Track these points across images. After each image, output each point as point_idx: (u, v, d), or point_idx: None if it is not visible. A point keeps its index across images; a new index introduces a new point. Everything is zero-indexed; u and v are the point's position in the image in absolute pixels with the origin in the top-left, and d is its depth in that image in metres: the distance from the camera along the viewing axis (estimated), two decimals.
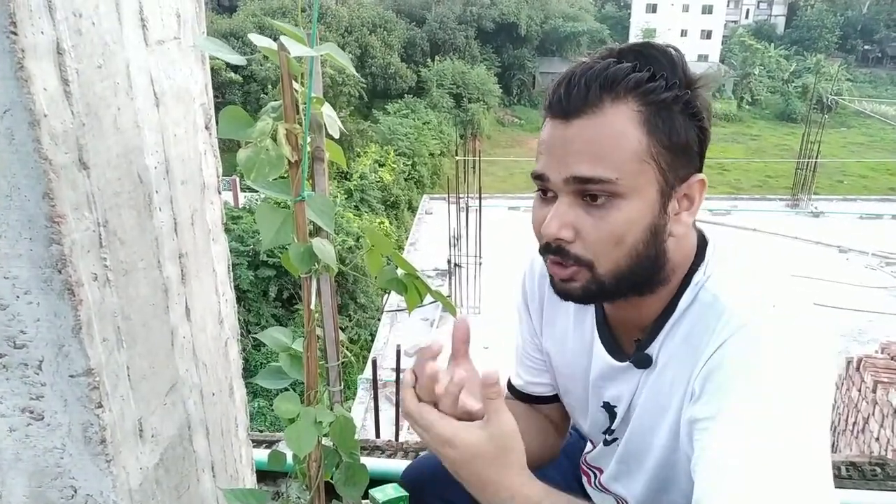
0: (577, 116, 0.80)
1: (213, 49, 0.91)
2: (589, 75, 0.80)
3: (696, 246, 0.90)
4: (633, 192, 0.80)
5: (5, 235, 0.77)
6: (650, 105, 0.80)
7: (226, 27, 25.63)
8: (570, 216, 0.82)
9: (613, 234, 0.82)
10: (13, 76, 0.70)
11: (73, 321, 0.80)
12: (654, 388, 0.91)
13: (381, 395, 6.71)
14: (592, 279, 0.85)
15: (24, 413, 0.85)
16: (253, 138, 0.86)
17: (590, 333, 1.01)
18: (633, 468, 0.99)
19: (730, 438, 0.75)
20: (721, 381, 0.78)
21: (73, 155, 0.79)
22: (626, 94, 0.80)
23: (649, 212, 0.82)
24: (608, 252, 0.83)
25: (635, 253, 0.83)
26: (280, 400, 1.01)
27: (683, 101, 0.81)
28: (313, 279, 1.02)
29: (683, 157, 0.83)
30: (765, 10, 54.42)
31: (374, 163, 22.07)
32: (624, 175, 0.79)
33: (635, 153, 0.80)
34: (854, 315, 11.08)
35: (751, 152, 31.65)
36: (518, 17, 36.54)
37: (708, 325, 0.83)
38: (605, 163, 0.79)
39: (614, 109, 0.79)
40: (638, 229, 0.82)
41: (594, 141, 0.80)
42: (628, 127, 0.79)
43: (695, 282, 0.88)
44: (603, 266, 0.84)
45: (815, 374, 0.76)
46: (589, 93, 0.79)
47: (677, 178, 0.83)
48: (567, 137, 0.81)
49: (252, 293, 14.23)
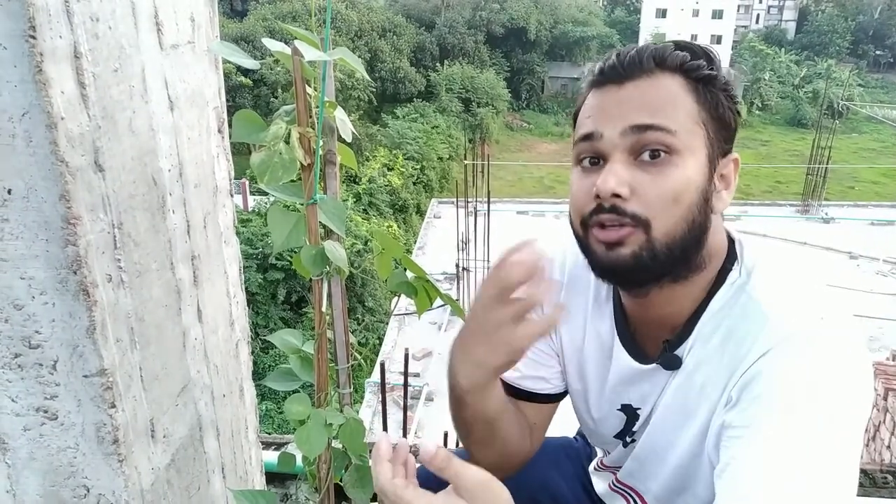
0: (631, 79, 0.83)
1: (227, 53, 0.92)
2: (641, 49, 0.84)
3: (727, 242, 0.90)
4: (688, 151, 0.81)
5: (22, 237, 0.78)
6: (696, 80, 0.83)
7: (236, 31, 25.78)
8: (626, 174, 0.81)
9: (673, 191, 0.80)
10: (31, 79, 0.71)
11: (87, 322, 0.81)
12: (682, 390, 0.89)
13: (389, 398, 6.70)
14: (646, 242, 0.81)
15: (39, 412, 0.86)
16: (266, 142, 0.87)
17: (608, 336, 0.99)
18: (650, 467, 0.98)
19: (761, 450, 0.74)
20: (760, 391, 0.77)
21: (89, 157, 0.80)
22: (675, 68, 0.83)
23: (702, 174, 0.82)
24: (666, 210, 0.80)
25: (690, 216, 0.81)
26: (291, 402, 1.02)
27: (723, 84, 0.85)
28: (324, 282, 1.03)
29: (725, 131, 0.85)
30: (775, 15, 54.22)
31: (383, 166, 22.13)
32: (681, 129, 0.81)
33: (689, 113, 0.82)
34: (865, 322, 11.01)
35: (761, 158, 31.51)
36: (527, 21, 36.59)
37: (749, 331, 0.81)
38: (663, 114, 0.81)
39: (666, 77, 0.83)
40: (693, 190, 0.81)
41: (652, 97, 0.82)
42: (681, 92, 0.83)
43: (730, 281, 0.86)
44: (659, 227, 0.80)
45: (855, 395, 0.75)
46: (642, 61, 0.83)
47: (720, 151, 0.85)
48: (622, 97, 0.83)
49: (261, 296, 14.29)
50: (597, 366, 1.02)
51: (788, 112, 40.12)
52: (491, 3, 36.48)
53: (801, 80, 41.21)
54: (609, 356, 0.99)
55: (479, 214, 11.82)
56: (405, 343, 9.97)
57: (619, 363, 0.97)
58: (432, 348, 10.81)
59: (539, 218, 15.86)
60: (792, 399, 0.74)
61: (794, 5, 52.86)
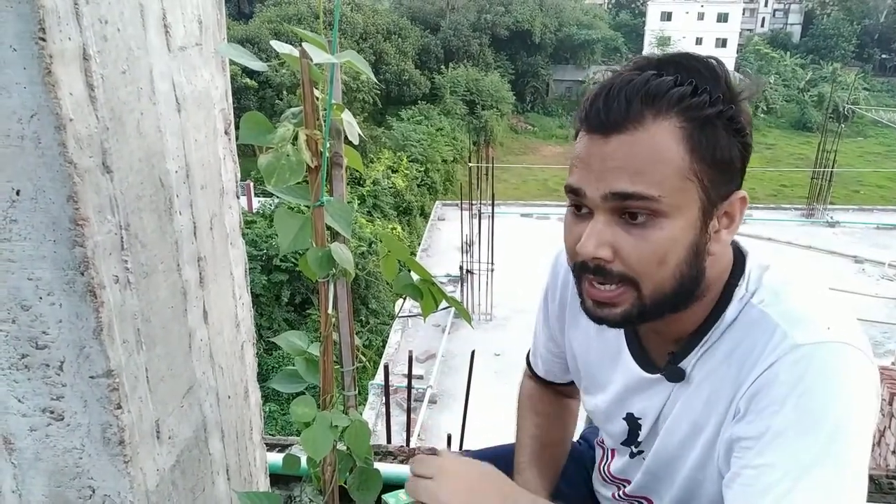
0: (618, 132, 0.76)
1: (234, 55, 0.92)
2: (629, 89, 0.76)
3: (731, 259, 0.88)
4: (675, 211, 0.77)
5: (30, 237, 0.78)
6: (693, 121, 0.76)
7: (242, 33, 25.86)
8: (608, 235, 0.79)
9: (656, 254, 0.78)
10: (41, 81, 0.72)
11: (94, 323, 0.81)
12: (689, 403, 0.89)
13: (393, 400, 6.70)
14: (637, 300, 0.81)
15: (45, 413, 0.86)
16: (274, 144, 0.87)
17: (615, 342, 0.99)
18: (660, 482, 0.98)
19: (771, 459, 0.74)
20: (769, 403, 0.76)
21: (97, 159, 0.80)
22: (669, 110, 0.76)
23: (692, 231, 0.78)
24: (652, 272, 0.79)
25: (679, 273, 0.79)
26: (296, 404, 1.01)
27: (727, 117, 0.77)
28: (330, 284, 1.03)
29: (726, 174, 0.79)
30: (781, 19, 54.16)
31: (388, 169, 22.16)
32: (666, 193, 0.76)
33: (678, 170, 0.76)
34: (870, 326, 10.98)
35: (766, 161, 31.44)
36: (532, 24, 36.61)
37: (755, 343, 0.80)
38: (647, 179, 0.76)
39: (656, 125, 0.76)
40: (681, 249, 0.78)
41: (635, 157, 0.76)
42: (671, 143, 0.76)
43: (738, 297, 0.85)
44: (647, 285, 0.80)
45: (862, 404, 0.75)
46: (630, 107, 0.76)
47: (719, 196, 0.80)
48: (606, 153, 0.77)
49: (265, 297, 14.31)
50: (604, 371, 1.02)
51: (793, 116, 40.06)
52: (496, 5, 36.50)
53: (806, 83, 41.15)
54: (616, 362, 0.99)
55: (484, 217, 11.82)
56: (409, 345, 9.98)
57: (625, 370, 0.98)
58: (436, 351, 10.81)
59: (543, 221, 15.87)
60: (800, 409, 0.74)
61: (800, 9, 52.80)
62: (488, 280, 11.64)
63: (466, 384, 4.21)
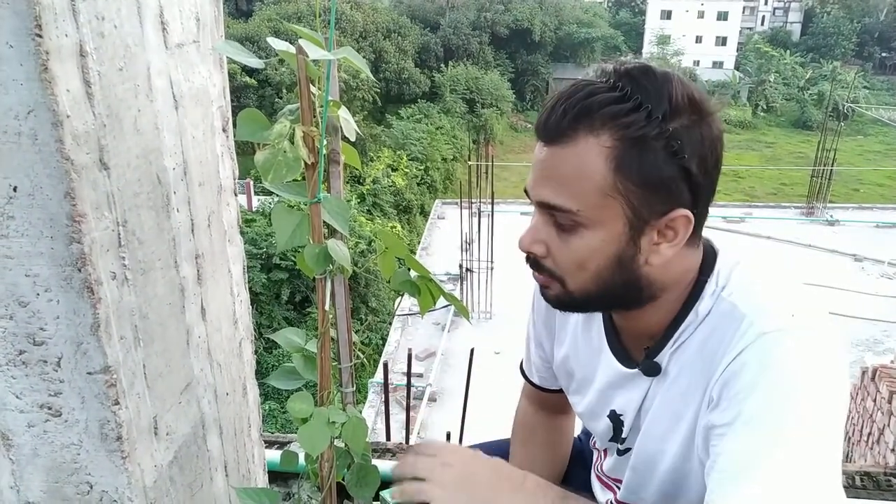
0: (552, 143, 0.81)
1: (231, 52, 0.92)
2: (568, 104, 0.79)
3: (699, 259, 0.90)
4: (595, 224, 0.81)
5: (27, 234, 0.78)
6: (624, 140, 0.77)
7: (241, 31, 25.83)
8: (543, 234, 0.86)
9: (576, 260, 0.84)
10: (37, 78, 0.72)
11: (91, 319, 0.82)
12: (667, 396, 0.91)
13: (392, 398, 6.71)
14: (564, 293, 0.88)
15: (43, 409, 0.87)
16: (271, 140, 0.87)
17: (598, 340, 1.02)
18: (645, 477, 0.99)
19: (744, 444, 0.75)
20: (739, 389, 0.79)
21: (94, 155, 0.80)
22: (602, 127, 0.78)
23: (614, 243, 0.82)
24: (573, 274, 0.86)
25: (600, 279, 0.85)
26: (293, 400, 1.02)
27: (665, 137, 0.77)
28: (328, 280, 1.03)
29: (661, 192, 0.79)
30: (781, 17, 54.12)
31: (387, 167, 22.13)
32: (585, 207, 0.80)
33: (598, 188, 0.79)
34: (869, 325, 10.98)
35: (766, 160, 31.42)
36: (532, 23, 36.56)
37: (725, 334, 0.83)
38: (567, 193, 0.81)
39: (585, 141, 0.78)
40: (601, 257, 0.83)
41: (560, 170, 0.81)
42: (596, 161, 0.78)
43: (709, 292, 0.87)
44: (571, 284, 0.87)
45: (831, 385, 0.77)
46: (563, 121, 0.79)
47: (654, 213, 0.80)
48: (542, 162, 0.83)
49: (264, 296, 14.31)
50: (589, 369, 1.04)
51: (793, 114, 40.02)
52: (495, 4, 36.45)
53: (806, 81, 41.09)
54: (599, 359, 1.02)
55: (483, 215, 11.80)
56: (408, 343, 9.98)
57: (606, 366, 1.00)
58: (435, 349, 10.81)
59: None
60: (769, 393, 0.76)
61: (800, 7, 52.76)
62: (488, 278, 11.63)
63: (466, 382, 4.21)
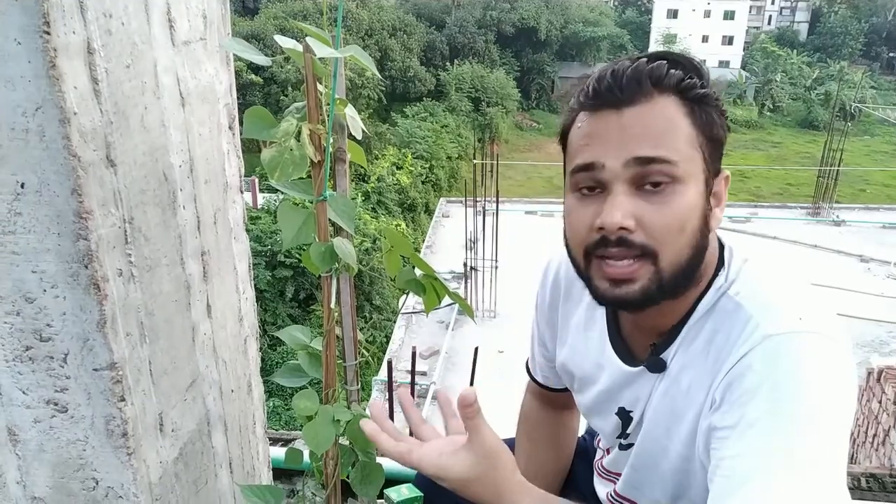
0: (631, 105, 0.80)
1: (238, 50, 0.92)
2: (636, 69, 0.81)
3: (717, 249, 0.90)
4: (690, 178, 0.81)
5: (34, 230, 0.78)
6: (691, 100, 0.82)
7: (247, 29, 25.84)
8: (630, 205, 0.80)
9: (678, 220, 0.80)
10: (45, 74, 0.72)
11: (98, 316, 0.82)
12: (670, 393, 0.91)
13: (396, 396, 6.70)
14: (655, 274, 0.81)
15: (49, 405, 0.87)
16: (277, 138, 0.87)
17: (598, 340, 1.01)
18: (647, 475, 0.98)
19: (747, 448, 0.75)
20: (743, 392, 0.78)
21: (101, 152, 0.80)
22: (672, 88, 0.81)
23: (702, 199, 0.82)
24: (673, 240, 0.81)
25: (694, 241, 0.82)
26: (299, 397, 1.02)
27: (715, 99, 0.84)
28: (333, 278, 1.03)
29: (718, 150, 0.85)
30: (787, 17, 53.87)
31: (392, 165, 22.15)
32: (682, 159, 0.80)
33: (689, 139, 0.81)
34: (875, 326, 10.93)
35: (772, 160, 31.29)
36: (538, 21, 36.52)
37: (731, 334, 0.82)
38: (666, 145, 0.80)
39: (664, 100, 0.81)
40: (696, 216, 0.82)
41: (653, 125, 0.80)
42: (678, 116, 0.81)
43: (716, 286, 0.87)
44: (666, 256, 0.81)
45: (837, 390, 0.76)
46: (640, 84, 0.80)
47: (714, 171, 0.85)
48: (623, 124, 0.80)
49: (269, 293, 14.33)
50: (593, 368, 1.03)
51: (800, 114, 39.86)
52: (501, 2, 36.43)
53: (813, 81, 40.92)
54: (601, 360, 1.01)
55: (488, 214, 11.80)
56: (413, 342, 9.98)
57: (610, 366, 0.99)
58: (439, 347, 10.82)
59: (548, 218, 15.84)
60: (772, 398, 0.75)
61: (807, 6, 52.50)
62: (492, 277, 11.63)
63: (470, 380, 4.21)
